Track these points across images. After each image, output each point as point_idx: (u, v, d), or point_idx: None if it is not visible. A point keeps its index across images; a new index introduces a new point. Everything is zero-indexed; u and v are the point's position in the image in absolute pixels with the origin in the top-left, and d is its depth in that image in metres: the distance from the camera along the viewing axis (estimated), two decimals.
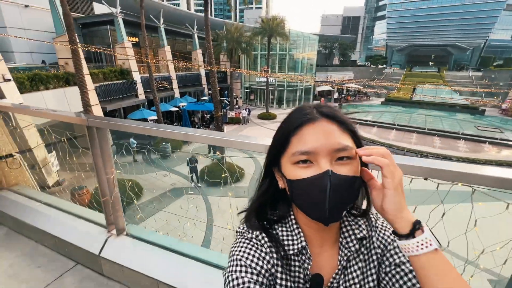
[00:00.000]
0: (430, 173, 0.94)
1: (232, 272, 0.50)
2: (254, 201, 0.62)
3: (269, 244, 0.56)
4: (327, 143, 0.49)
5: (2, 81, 8.77)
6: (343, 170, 0.49)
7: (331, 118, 0.52)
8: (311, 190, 0.49)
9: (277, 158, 0.56)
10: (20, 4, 17.36)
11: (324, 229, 0.57)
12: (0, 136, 2.31)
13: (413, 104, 33.04)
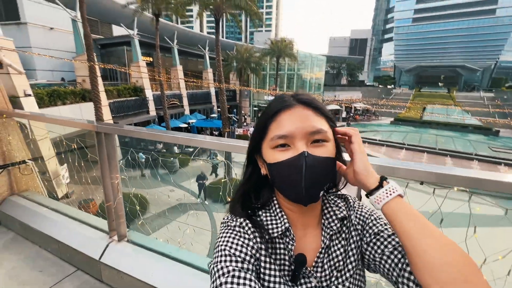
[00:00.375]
0: (425, 177, 0.94)
1: (217, 263, 0.51)
2: (238, 189, 0.64)
3: (252, 229, 0.57)
4: (302, 126, 0.53)
5: (23, 96, 9.28)
6: (318, 152, 0.53)
7: (307, 104, 0.55)
8: (288, 172, 0.52)
9: (258, 145, 0.59)
10: (46, 27, 18.69)
11: (305, 211, 0.59)
12: (16, 143, 2.43)
13: (423, 124, 32.62)
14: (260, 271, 0.55)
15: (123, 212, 1.87)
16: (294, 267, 0.56)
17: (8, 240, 2.23)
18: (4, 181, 2.43)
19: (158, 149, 15.46)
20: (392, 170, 0.96)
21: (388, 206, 0.50)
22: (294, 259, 0.56)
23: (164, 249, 1.74)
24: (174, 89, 23.92)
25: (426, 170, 0.92)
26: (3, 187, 2.42)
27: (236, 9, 16.38)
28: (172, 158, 14.18)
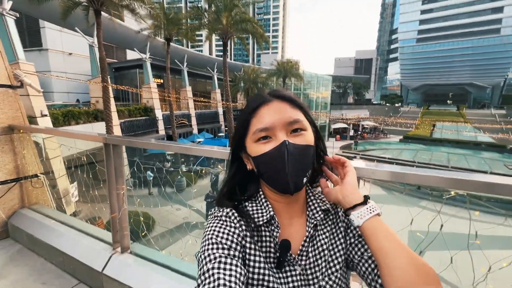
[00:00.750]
0: (421, 180, 0.94)
1: (204, 251, 0.52)
2: (223, 186, 0.67)
3: (238, 218, 0.59)
4: (281, 118, 0.57)
5: (39, 116, 9.71)
6: (298, 140, 0.57)
7: (282, 98, 0.60)
8: (272, 161, 0.56)
9: (242, 141, 0.62)
10: (65, 52, 19.90)
11: (290, 202, 0.62)
12: (29, 157, 2.54)
13: (433, 142, 32.01)
14: (246, 257, 0.57)
15: (127, 224, 1.89)
16: (279, 252, 0.57)
17: (14, 252, 2.26)
18: (16, 194, 2.51)
19: (166, 167, 15.64)
20: (402, 176, 0.94)
21: (369, 223, 0.53)
22: (279, 245, 0.58)
23: (166, 261, 1.73)
24: (183, 109, 24.58)
25: (438, 175, 0.90)
26: (14, 199, 2.50)
27: (243, 33, 17.15)
28: (179, 177, 14.26)
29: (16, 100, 2.46)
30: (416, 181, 0.95)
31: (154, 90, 19.81)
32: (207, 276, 0.48)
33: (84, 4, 11.55)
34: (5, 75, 2.39)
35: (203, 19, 16.89)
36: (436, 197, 1.03)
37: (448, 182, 0.89)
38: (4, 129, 2.38)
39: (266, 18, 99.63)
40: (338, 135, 34.97)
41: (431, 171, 0.93)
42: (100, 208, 3.55)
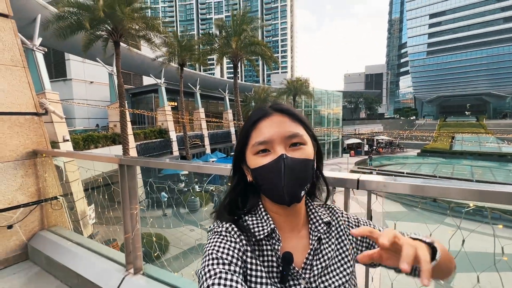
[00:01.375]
0: (439, 192, 0.88)
1: (204, 267, 0.52)
2: (225, 197, 0.66)
3: (239, 233, 0.58)
4: (280, 131, 0.57)
5: (62, 141, 10.23)
6: (296, 154, 0.57)
7: (283, 111, 0.61)
8: (270, 174, 0.56)
9: (242, 153, 0.62)
10: (87, 81, 21.25)
11: (290, 214, 0.61)
12: (50, 180, 2.65)
13: (454, 155, 30.67)
14: (247, 273, 0.55)
15: (140, 245, 1.90)
16: (282, 266, 0.56)
17: (33, 274, 2.30)
18: (37, 216, 2.60)
19: (179, 188, 15.78)
20: (417, 188, 0.90)
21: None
22: (281, 257, 0.57)
23: (179, 283, 1.71)
24: (196, 130, 25.17)
25: (438, 185, 0.86)
26: (35, 222, 2.59)
27: (252, 55, 17.76)
28: (192, 197, 14.30)
29: (40, 126, 2.63)
30: (433, 194, 0.90)
31: (168, 113, 20.53)
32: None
33: (104, 37, 12.48)
34: (32, 104, 2.58)
35: (214, 44, 17.72)
36: (455, 211, 0.98)
37: (469, 194, 0.84)
38: (29, 154, 2.53)
39: (274, 40, 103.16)
40: (353, 151, 34.28)
41: (447, 183, 0.88)
42: (115, 230, 3.59)
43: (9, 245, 2.43)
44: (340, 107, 35.46)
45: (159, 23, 13.20)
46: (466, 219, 0.94)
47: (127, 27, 11.96)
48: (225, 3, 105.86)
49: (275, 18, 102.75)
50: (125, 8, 11.40)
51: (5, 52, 2.43)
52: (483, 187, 0.83)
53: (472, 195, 0.83)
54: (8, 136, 2.41)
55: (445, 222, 0.98)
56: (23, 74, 2.52)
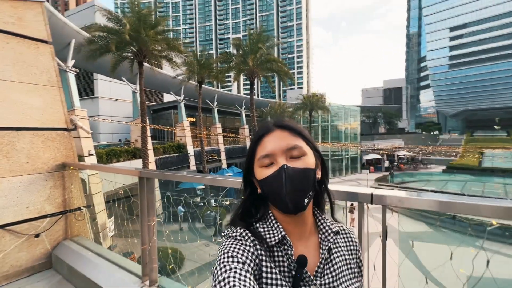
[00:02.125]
0: (462, 209, 0.81)
1: (219, 264, 0.54)
2: (237, 208, 0.71)
3: (252, 238, 0.61)
4: (281, 144, 0.63)
5: (87, 155, 10.78)
6: (296, 164, 0.61)
7: (283, 127, 0.66)
8: (274, 183, 0.61)
9: (251, 167, 0.68)
10: (112, 98, 22.56)
11: (298, 222, 0.65)
12: (76, 191, 2.80)
13: (484, 172, 28.72)
14: (262, 275, 0.57)
15: (155, 257, 1.93)
16: (296, 268, 0.59)
17: (55, 283, 2.39)
18: (62, 225, 2.73)
19: (196, 202, 15.92)
20: (443, 205, 0.84)
21: None
22: (296, 261, 0.59)
23: None
24: (213, 144, 25.63)
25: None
26: (59, 231, 2.71)
27: (268, 72, 18.15)
28: (208, 212, 14.32)
29: (70, 140, 2.82)
30: (456, 211, 0.85)
31: (187, 128, 21.16)
32: (222, 285, 0.49)
33: (130, 58, 13.36)
34: (63, 120, 2.79)
35: (232, 62, 18.36)
36: (477, 231, 0.93)
37: (448, 207, 0.80)
38: (58, 166, 2.70)
39: (290, 57, 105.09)
40: (372, 167, 33.16)
41: (468, 199, 0.82)
42: (133, 243, 3.66)
43: (35, 253, 2.56)
44: (358, 122, 34.82)
45: (180, 44, 13.98)
46: (489, 239, 0.88)
47: (150, 48, 12.76)
48: (242, 23, 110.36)
49: (291, 36, 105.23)
50: (150, 31, 12.23)
51: (43, 74, 2.68)
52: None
53: (507, 214, 0.74)
54: (42, 150, 2.60)
55: (466, 241, 0.94)
56: (57, 93, 2.76)
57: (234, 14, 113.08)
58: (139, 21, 12.09)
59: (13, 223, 2.42)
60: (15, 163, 2.44)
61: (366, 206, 1.11)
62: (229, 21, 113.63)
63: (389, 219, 1.04)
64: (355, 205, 1.09)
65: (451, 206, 0.83)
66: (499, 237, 5.34)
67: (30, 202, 2.53)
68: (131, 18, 12.19)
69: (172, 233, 2.51)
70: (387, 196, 0.95)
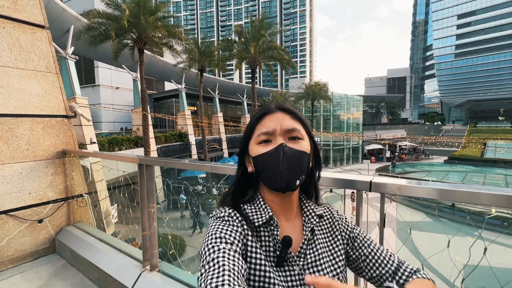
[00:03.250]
0: (460, 197, 0.80)
1: (208, 245, 0.55)
2: (230, 187, 0.73)
3: (240, 218, 0.63)
4: (281, 124, 0.65)
5: (89, 143, 10.82)
6: (294, 146, 0.64)
7: (285, 110, 0.68)
8: (270, 160, 0.62)
9: (246, 144, 0.70)
10: (113, 87, 22.41)
11: (285, 203, 0.67)
12: (77, 179, 2.82)
13: (485, 163, 28.65)
14: (247, 255, 0.59)
15: (156, 242, 1.96)
16: (281, 248, 0.61)
17: (59, 267, 2.45)
18: (64, 212, 2.77)
19: (197, 190, 16.10)
20: (440, 193, 0.84)
21: None
22: (281, 240, 0.61)
23: (192, 281, 1.74)
24: (215, 134, 25.61)
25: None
26: (62, 217, 2.76)
27: (270, 60, 17.86)
28: (210, 200, 14.50)
29: (70, 128, 2.82)
30: (453, 199, 0.84)
31: (188, 117, 21.10)
32: (211, 265, 0.50)
33: (130, 45, 13.15)
34: (62, 107, 2.78)
35: (233, 50, 18.05)
36: (475, 221, 0.93)
37: (449, 195, 0.78)
38: (59, 153, 2.71)
39: (293, 44, 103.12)
40: (374, 157, 33.15)
41: (479, 188, 0.79)
42: (135, 229, 3.72)
43: (39, 238, 2.61)
44: (360, 112, 34.54)
45: (181, 31, 13.71)
46: (487, 229, 0.88)
47: (150, 35, 12.54)
48: (245, 10, 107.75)
49: (294, 23, 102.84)
50: (149, 17, 11.98)
51: (40, 60, 2.64)
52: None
53: (507, 201, 0.73)
54: (42, 137, 2.61)
55: (464, 230, 0.93)
56: (56, 79, 2.73)
57: (236, 0, 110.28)
58: (138, 7, 11.82)
59: (16, 208, 2.46)
60: (16, 149, 2.45)
61: (365, 194, 1.10)
62: (231, 8, 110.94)
63: (388, 208, 1.04)
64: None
65: (449, 194, 0.83)
66: (497, 227, 5.39)
67: (32, 189, 2.56)
68: (130, 3, 11.91)
69: (173, 220, 2.54)
70: (385, 184, 0.94)
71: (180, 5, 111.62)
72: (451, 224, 9.07)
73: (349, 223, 0.75)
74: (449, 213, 10.48)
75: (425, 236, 3.64)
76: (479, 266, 0.89)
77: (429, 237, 3.60)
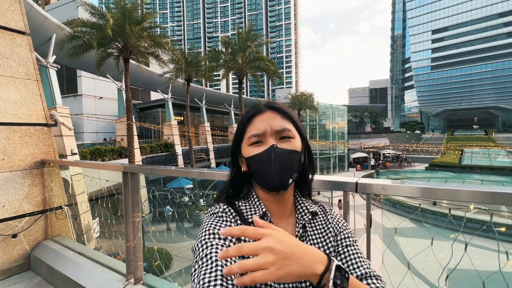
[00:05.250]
0: (443, 195, 0.84)
1: (201, 241, 0.55)
2: (224, 187, 0.73)
3: (234, 214, 0.64)
4: (271, 125, 0.65)
5: (70, 154, 10.41)
6: (285, 145, 0.64)
7: (274, 109, 0.68)
8: (262, 161, 0.63)
9: (238, 145, 0.70)
10: (97, 96, 21.88)
11: (279, 201, 0.68)
12: (56, 190, 2.69)
13: (463, 169, 29.97)
14: None
15: (141, 254, 1.89)
16: None
17: (34, 284, 2.29)
18: (41, 225, 2.62)
19: (184, 202, 15.71)
20: (423, 191, 0.86)
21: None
22: None
23: None
24: (202, 143, 25.36)
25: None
26: (39, 231, 2.60)
27: (257, 70, 18.14)
28: (197, 211, 14.18)
29: (49, 136, 2.70)
30: (436, 197, 0.87)
31: (174, 127, 20.83)
32: (204, 261, 0.50)
33: (115, 54, 12.98)
34: (42, 115, 2.67)
35: (220, 60, 18.21)
36: (456, 219, 0.96)
37: (483, 197, 0.79)
38: (37, 164, 2.59)
39: (279, 56, 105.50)
40: (359, 165, 33.86)
41: (449, 185, 0.85)
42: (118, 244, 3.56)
43: (12, 254, 2.44)
44: (345, 121, 35.44)
45: (167, 42, 13.71)
46: (467, 233, 0.92)
47: (136, 44, 12.45)
48: (231, 22, 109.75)
49: (280, 35, 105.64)
50: (135, 27, 11.93)
51: (20, 67, 2.55)
52: (495, 189, 0.80)
53: (483, 197, 0.79)
54: (19, 146, 2.48)
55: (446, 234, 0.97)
56: (36, 86, 2.64)
57: (222, 13, 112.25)
58: (123, 16, 11.76)
59: None
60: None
61: (351, 195, 1.12)
62: (217, 20, 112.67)
63: (374, 216, 1.06)
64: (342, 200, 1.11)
65: (432, 192, 0.85)
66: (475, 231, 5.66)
67: (6, 201, 2.41)
68: (115, 13, 11.83)
69: (160, 233, 2.47)
70: (371, 184, 0.97)
71: (167, 16, 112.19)
72: (434, 229, 9.34)
73: (341, 221, 0.75)
74: (432, 219, 10.86)
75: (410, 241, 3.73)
76: (462, 270, 0.92)
77: (414, 242, 3.70)
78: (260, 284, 0.56)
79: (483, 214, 0.87)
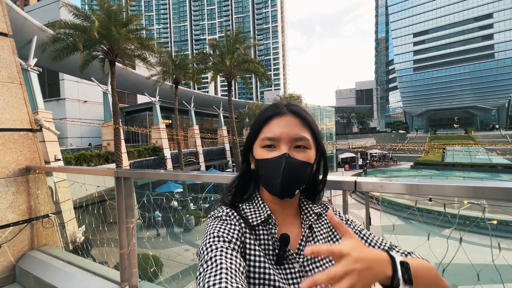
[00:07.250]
0: (434, 190, 0.90)
1: (206, 244, 0.55)
2: (232, 182, 0.72)
3: (238, 217, 0.63)
4: (288, 132, 0.61)
5: (54, 160, 10.03)
6: (298, 156, 0.61)
7: (296, 114, 0.64)
8: (271, 167, 0.61)
9: (252, 143, 0.68)
10: (81, 100, 21.24)
11: (284, 203, 0.66)
12: (43, 197, 2.59)
13: (446, 167, 31.10)
14: (246, 253, 0.58)
15: (135, 260, 1.84)
16: (279, 246, 0.60)
17: None
18: (27, 235, 2.50)
19: (174, 206, 15.43)
20: (417, 188, 0.93)
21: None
22: (279, 238, 0.60)
23: None
24: (191, 147, 25.08)
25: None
26: (24, 241, 2.49)
27: (245, 72, 18.19)
28: (188, 215, 13.96)
29: (35, 142, 2.60)
30: (429, 192, 0.93)
31: (162, 131, 20.49)
32: (209, 263, 0.50)
33: (100, 57, 12.67)
34: (26, 120, 2.57)
35: (209, 63, 18.13)
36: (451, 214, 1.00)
37: (467, 191, 0.85)
38: (21, 171, 2.48)
39: (267, 58, 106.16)
40: (347, 165, 34.44)
41: (441, 181, 0.91)
42: (107, 252, 3.44)
43: None
44: (333, 122, 36.04)
45: (154, 44, 13.52)
46: (459, 229, 0.96)
47: (122, 47, 12.20)
48: (218, 25, 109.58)
49: (267, 38, 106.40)
50: (121, 29, 11.70)
51: (2, 70, 2.45)
52: (477, 184, 0.85)
53: (467, 192, 0.85)
54: (1, 153, 2.37)
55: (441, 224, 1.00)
56: (19, 90, 2.53)
57: (209, 15, 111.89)
58: (109, 18, 11.51)
59: None
60: None
61: (349, 195, 1.15)
62: (204, 22, 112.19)
63: (372, 218, 1.09)
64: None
65: (423, 188, 0.91)
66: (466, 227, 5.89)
67: None
68: (100, 15, 11.56)
69: (149, 239, 2.43)
70: (369, 182, 0.99)
71: (152, 18, 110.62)
72: (425, 226, 9.63)
73: (344, 217, 0.75)
74: (429, 218, 11.12)
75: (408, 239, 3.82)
76: (458, 264, 0.95)
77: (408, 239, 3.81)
78: (268, 282, 0.56)
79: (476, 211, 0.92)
